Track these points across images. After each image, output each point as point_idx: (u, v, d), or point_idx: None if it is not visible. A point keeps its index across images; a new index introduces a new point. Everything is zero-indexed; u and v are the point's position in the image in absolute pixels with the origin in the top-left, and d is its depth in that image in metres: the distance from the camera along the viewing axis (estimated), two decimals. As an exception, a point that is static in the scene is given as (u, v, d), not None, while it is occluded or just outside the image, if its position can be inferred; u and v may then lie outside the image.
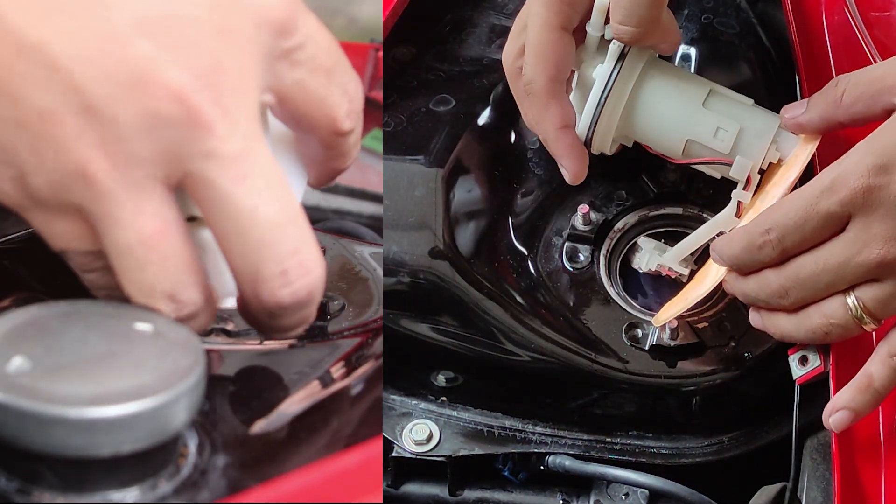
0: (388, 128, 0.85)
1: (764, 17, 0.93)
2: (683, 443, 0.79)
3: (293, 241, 0.59)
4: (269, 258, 0.59)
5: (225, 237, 0.59)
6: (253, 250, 0.59)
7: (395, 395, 0.82)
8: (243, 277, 0.60)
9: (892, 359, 0.70)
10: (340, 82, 0.64)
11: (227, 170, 0.58)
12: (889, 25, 0.86)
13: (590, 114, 0.77)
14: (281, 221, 0.59)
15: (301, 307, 0.61)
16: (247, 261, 0.59)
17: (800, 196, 0.69)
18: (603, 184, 0.85)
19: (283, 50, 0.62)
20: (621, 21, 0.74)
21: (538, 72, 0.77)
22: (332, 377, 0.68)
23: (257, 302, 0.60)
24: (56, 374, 0.54)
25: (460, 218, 0.82)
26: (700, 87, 0.76)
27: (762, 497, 0.74)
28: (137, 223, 0.57)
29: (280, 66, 0.62)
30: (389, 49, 0.91)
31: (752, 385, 0.80)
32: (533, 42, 0.76)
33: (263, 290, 0.59)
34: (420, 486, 0.81)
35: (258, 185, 0.58)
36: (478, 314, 0.81)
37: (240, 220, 0.58)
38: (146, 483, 0.55)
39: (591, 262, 0.82)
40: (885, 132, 0.68)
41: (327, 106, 0.64)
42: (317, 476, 0.56)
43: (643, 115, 0.77)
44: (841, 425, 0.71)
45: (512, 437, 0.80)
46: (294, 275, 0.59)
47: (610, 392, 0.81)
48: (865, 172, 0.67)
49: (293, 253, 0.59)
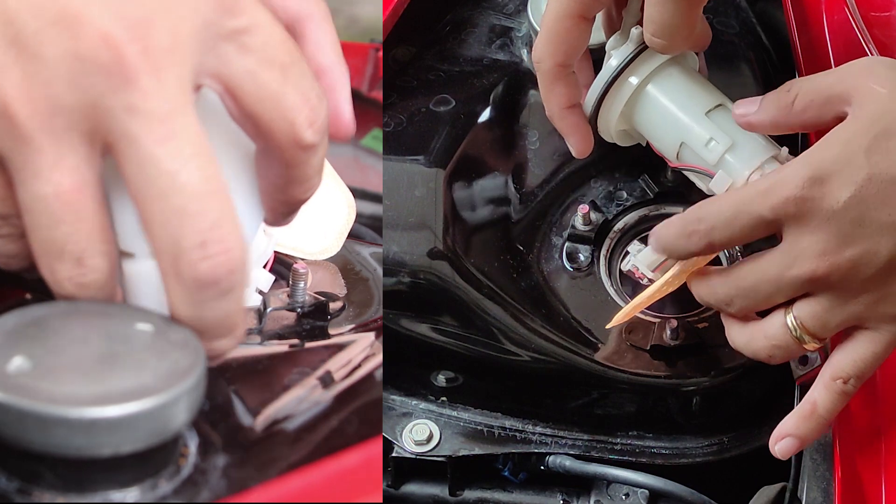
0: (388, 128, 0.85)
1: (764, 16, 0.93)
2: (683, 443, 0.79)
3: (215, 213, 0.57)
4: (189, 227, 0.56)
5: (144, 202, 0.56)
6: (173, 217, 0.56)
7: (395, 395, 0.83)
8: (163, 248, 0.57)
9: (834, 382, 0.69)
10: (298, 84, 0.61)
11: (150, 128, 0.56)
12: (889, 25, 0.86)
13: (594, 95, 0.77)
14: (203, 191, 0.56)
15: (221, 290, 0.58)
16: (166, 229, 0.56)
17: (735, 195, 0.69)
18: (603, 184, 0.85)
19: (228, 30, 0.59)
20: (653, 33, 0.73)
21: (546, 55, 0.77)
22: (332, 377, 0.68)
23: (177, 279, 0.57)
24: (56, 374, 0.54)
25: (460, 218, 0.82)
26: (711, 98, 0.76)
27: (762, 497, 0.74)
28: (55, 176, 0.56)
29: (226, 47, 0.59)
30: (389, 49, 0.91)
31: (752, 385, 0.80)
32: (547, 24, 0.76)
33: (182, 263, 0.56)
34: (420, 486, 0.81)
35: (183, 150, 0.56)
36: (478, 314, 0.81)
37: (160, 182, 0.56)
38: (146, 483, 0.55)
39: (591, 262, 0.82)
40: (825, 144, 0.67)
41: (284, 107, 0.60)
42: (317, 476, 0.56)
43: (648, 106, 0.77)
44: (786, 453, 0.71)
45: (512, 437, 0.80)
46: (214, 249, 0.56)
47: (610, 392, 0.81)
48: (800, 183, 0.67)
49: (214, 226, 0.56)
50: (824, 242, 0.67)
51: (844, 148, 0.67)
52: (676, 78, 0.76)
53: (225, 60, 0.59)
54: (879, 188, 0.66)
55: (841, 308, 0.68)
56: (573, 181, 0.85)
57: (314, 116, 0.61)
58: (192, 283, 0.57)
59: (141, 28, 0.56)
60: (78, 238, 0.57)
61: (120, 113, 0.56)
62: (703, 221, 0.69)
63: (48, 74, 0.55)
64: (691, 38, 0.75)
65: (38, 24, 0.55)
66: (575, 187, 0.85)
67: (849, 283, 0.67)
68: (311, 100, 0.61)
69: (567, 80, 0.77)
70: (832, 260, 0.67)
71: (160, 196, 0.56)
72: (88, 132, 0.56)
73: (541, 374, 0.81)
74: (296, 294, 0.73)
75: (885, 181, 0.66)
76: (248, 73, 0.60)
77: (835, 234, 0.66)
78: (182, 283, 0.57)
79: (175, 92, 0.57)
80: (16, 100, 0.55)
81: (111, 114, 0.56)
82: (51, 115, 0.56)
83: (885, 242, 0.66)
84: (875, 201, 0.66)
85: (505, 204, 0.84)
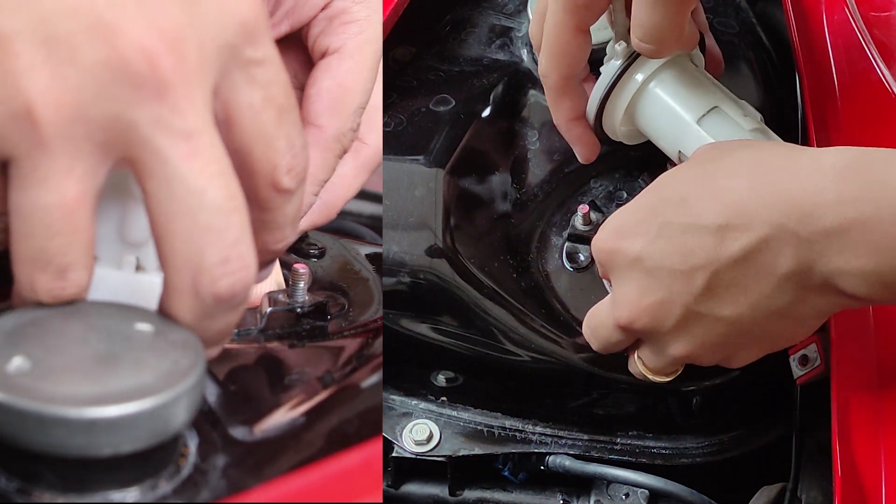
0: (388, 128, 0.85)
1: (764, 17, 0.93)
2: (683, 443, 0.79)
3: (237, 231, 0.57)
4: (213, 244, 0.56)
5: (169, 219, 0.56)
6: (199, 234, 0.56)
7: (395, 395, 0.82)
8: (184, 264, 0.56)
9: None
10: (288, 131, 0.61)
11: (179, 144, 0.55)
12: (889, 25, 0.86)
13: (593, 108, 0.78)
14: (229, 209, 0.57)
15: (233, 305, 0.58)
16: (191, 245, 0.56)
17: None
18: (603, 184, 0.85)
19: (244, 58, 0.59)
20: (641, 38, 0.73)
21: (552, 69, 0.78)
22: (333, 377, 0.68)
23: (193, 294, 0.57)
24: (56, 374, 0.54)
25: (460, 218, 0.82)
26: (703, 101, 0.76)
27: (762, 497, 0.74)
28: (63, 184, 0.55)
29: (237, 76, 0.59)
30: (389, 49, 0.91)
31: (752, 385, 0.80)
32: (549, 40, 0.76)
33: (203, 279, 0.56)
34: (420, 486, 0.81)
35: (209, 167, 0.56)
36: (478, 314, 0.81)
37: (188, 200, 0.55)
38: (146, 483, 0.55)
39: (591, 262, 0.82)
40: (637, 197, 0.70)
41: (273, 149, 0.60)
42: (317, 476, 0.56)
43: (645, 117, 0.78)
44: None
45: (512, 437, 0.80)
46: (235, 265, 0.57)
47: (610, 392, 0.81)
48: (607, 235, 0.70)
49: (235, 243, 0.57)
50: (630, 292, 0.69)
51: (647, 196, 0.69)
52: (666, 85, 0.77)
53: (234, 88, 0.59)
54: (671, 235, 0.67)
55: (662, 353, 0.71)
56: (573, 181, 0.85)
57: (294, 163, 0.61)
58: (210, 298, 0.57)
59: (176, 41, 0.55)
60: (68, 251, 0.56)
61: (146, 126, 0.55)
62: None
63: (79, 80, 0.54)
64: (680, 41, 0.75)
65: (73, 27, 0.54)
66: (575, 187, 0.85)
67: (656, 330, 0.69)
68: (295, 147, 0.61)
69: (573, 92, 0.79)
70: (634, 309, 0.69)
71: (187, 213, 0.56)
72: (105, 144, 0.55)
73: (541, 374, 0.81)
74: (296, 294, 0.73)
75: (677, 228, 0.67)
76: (250, 107, 0.59)
77: (636, 282, 0.68)
78: (199, 298, 0.57)
79: (201, 108, 0.56)
80: (41, 103, 0.54)
81: (136, 127, 0.55)
82: (73, 122, 0.54)
83: (678, 291, 0.67)
84: (667, 251, 0.67)
85: (505, 204, 0.84)
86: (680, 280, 0.67)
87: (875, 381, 0.73)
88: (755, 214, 0.65)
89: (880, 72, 0.83)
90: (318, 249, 0.81)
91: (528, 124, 0.86)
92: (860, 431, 0.72)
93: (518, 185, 0.85)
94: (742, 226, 0.65)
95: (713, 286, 0.66)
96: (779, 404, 0.79)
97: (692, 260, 0.66)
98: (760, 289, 0.66)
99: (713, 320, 0.67)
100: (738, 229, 0.65)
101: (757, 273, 0.65)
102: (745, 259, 0.65)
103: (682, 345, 0.69)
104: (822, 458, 0.74)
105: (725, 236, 0.65)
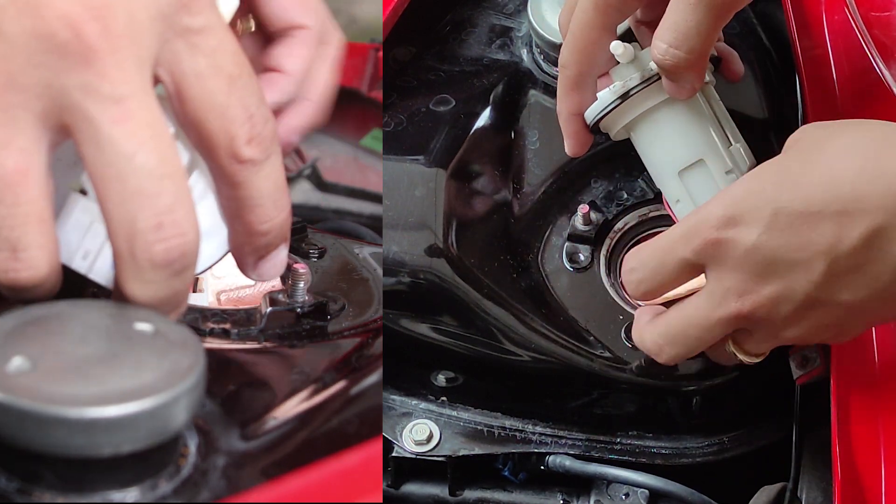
0: (388, 128, 0.85)
1: (764, 17, 0.93)
2: (683, 443, 0.79)
3: (171, 196, 0.57)
4: (145, 208, 0.56)
5: (101, 182, 0.57)
6: (129, 198, 0.56)
7: (395, 395, 0.82)
8: (118, 228, 0.57)
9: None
10: (243, 98, 0.60)
11: (108, 109, 0.56)
12: (889, 25, 0.86)
13: (593, 115, 0.77)
14: (160, 174, 0.57)
15: (174, 271, 0.58)
16: (123, 209, 0.56)
17: (660, 241, 0.70)
18: (603, 184, 0.85)
19: (182, 26, 0.59)
20: (671, 43, 0.70)
21: (573, 62, 0.76)
22: (333, 377, 0.68)
23: (131, 259, 0.57)
24: (56, 374, 0.54)
25: (460, 218, 0.82)
26: (691, 152, 0.74)
27: (762, 497, 0.74)
28: (1, 156, 0.55)
29: (178, 44, 0.59)
30: (389, 49, 0.91)
31: (752, 385, 0.80)
32: (574, 34, 0.75)
33: (137, 244, 0.57)
34: (420, 486, 0.81)
35: (140, 132, 0.56)
36: (478, 314, 0.81)
37: (117, 163, 0.56)
38: (146, 483, 0.55)
39: (591, 262, 0.82)
40: (741, 181, 0.68)
41: (226, 119, 0.60)
42: (317, 476, 0.56)
43: (638, 141, 0.76)
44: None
45: (512, 437, 0.80)
46: (169, 231, 0.57)
47: (610, 392, 0.81)
48: (715, 224, 0.67)
49: (170, 209, 0.57)
50: (744, 282, 0.67)
51: (754, 182, 0.67)
52: (659, 124, 0.74)
53: (177, 58, 0.59)
54: (787, 223, 0.66)
55: (774, 339, 0.70)
56: (573, 181, 0.85)
57: (254, 133, 0.60)
58: (146, 263, 0.57)
59: (100, 10, 0.56)
60: (13, 223, 0.56)
61: (76, 92, 0.56)
62: (635, 272, 0.71)
63: (6, 50, 0.55)
64: (705, 58, 0.72)
65: (2, 1, 0.55)
66: (575, 187, 0.85)
67: (774, 318, 0.68)
68: (254, 116, 0.60)
69: (584, 88, 0.77)
70: (754, 299, 0.67)
71: (117, 177, 0.56)
72: (43, 113, 0.56)
73: (541, 374, 0.81)
74: (295, 294, 0.73)
75: (792, 216, 0.65)
76: (196, 76, 0.59)
77: (751, 273, 0.67)
78: (136, 263, 0.57)
79: (132, 74, 0.57)
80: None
81: (67, 93, 0.56)
82: (5, 91, 0.55)
83: (798, 279, 0.66)
84: (784, 238, 0.66)
85: (505, 204, 0.84)
86: (799, 269, 0.66)
87: (875, 381, 0.73)
88: (869, 199, 0.64)
89: (880, 72, 0.82)
90: (318, 250, 0.81)
91: (529, 124, 0.86)
92: (860, 431, 0.72)
93: (518, 185, 0.85)
94: (857, 211, 0.64)
95: (832, 273, 0.65)
96: (779, 405, 0.79)
97: (811, 248, 0.65)
98: (878, 273, 0.65)
99: (832, 305, 0.67)
100: (854, 215, 0.64)
101: (875, 258, 0.65)
102: (864, 245, 0.65)
103: (797, 330, 0.68)
104: (822, 458, 0.74)
105: (843, 223, 0.65)
